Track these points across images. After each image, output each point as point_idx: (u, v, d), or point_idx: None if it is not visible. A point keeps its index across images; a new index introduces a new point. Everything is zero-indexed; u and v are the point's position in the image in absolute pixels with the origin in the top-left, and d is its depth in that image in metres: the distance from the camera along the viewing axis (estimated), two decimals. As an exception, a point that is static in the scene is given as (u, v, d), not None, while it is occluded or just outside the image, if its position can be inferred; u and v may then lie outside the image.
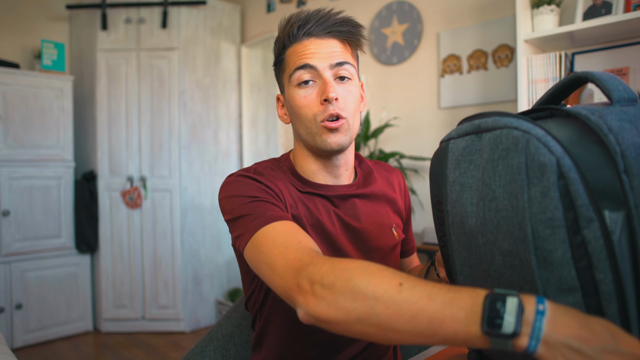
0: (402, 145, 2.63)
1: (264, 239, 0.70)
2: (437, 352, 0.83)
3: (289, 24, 0.85)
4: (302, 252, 0.64)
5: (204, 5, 3.23)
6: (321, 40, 0.83)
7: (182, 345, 2.94)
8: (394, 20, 2.66)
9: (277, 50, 0.89)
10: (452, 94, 2.42)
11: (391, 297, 0.52)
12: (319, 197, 0.88)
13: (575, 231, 0.43)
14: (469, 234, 0.55)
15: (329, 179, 0.90)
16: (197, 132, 3.25)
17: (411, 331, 0.50)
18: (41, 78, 2.97)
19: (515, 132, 0.47)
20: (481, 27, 2.30)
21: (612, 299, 0.42)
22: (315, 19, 0.83)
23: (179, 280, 3.14)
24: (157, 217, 3.15)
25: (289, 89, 0.86)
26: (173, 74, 3.14)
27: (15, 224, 2.87)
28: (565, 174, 0.43)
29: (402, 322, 0.51)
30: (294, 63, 0.84)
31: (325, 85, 0.81)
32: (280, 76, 0.90)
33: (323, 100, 0.81)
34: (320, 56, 0.82)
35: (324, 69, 0.82)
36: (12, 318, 2.82)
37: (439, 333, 0.48)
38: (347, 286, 0.55)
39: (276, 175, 0.86)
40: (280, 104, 0.93)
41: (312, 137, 0.84)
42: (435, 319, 0.48)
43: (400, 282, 0.53)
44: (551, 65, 1.83)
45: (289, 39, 0.85)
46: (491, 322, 0.44)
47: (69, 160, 3.10)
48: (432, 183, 0.65)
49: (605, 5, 1.72)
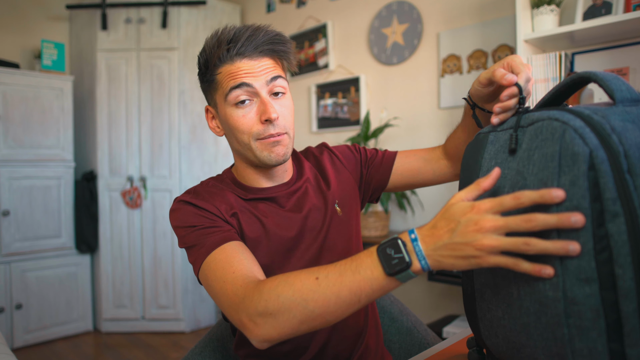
0: (402, 145, 2.64)
1: (208, 271, 0.77)
2: (437, 352, 0.83)
3: (219, 45, 0.84)
4: (236, 285, 0.71)
5: (204, 5, 3.24)
6: (253, 61, 0.84)
7: (182, 345, 2.93)
8: (394, 20, 2.67)
9: (204, 66, 0.87)
10: (452, 94, 2.44)
11: (315, 292, 0.62)
12: (264, 201, 0.92)
13: (599, 223, 0.43)
14: None
15: (270, 182, 0.93)
16: (197, 132, 3.25)
17: (342, 306, 0.62)
18: (41, 78, 2.97)
19: (555, 123, 0.47)
20: (481, 27, 2.32)
21: (630, 296, 0.41)
22: (244, 38, 0.83)
23: (179, 280, 3.14)
24: (157, 217, 3.15)
25: (224, 108, 0.86)
26: (173, 74, 3.14)
27: (15, 224, 2.86)
28: (597, 166, 0.43)
29: (333, 304, 0.62)
30: (227, 83, 0.83)
31: (265, 106, 0.83)
32: (210, 92, 0.89)
33: (264, 120, 0.83)
34: (255, 74, 0.83)
35: (261, 87, 0.83)
36: (12, 318, 2.81)
37: (362, 295, 0.61)
38: (278, 303, 0.64)
39: (215, 192, 0.89)
40: (211, 116, 0.93)
41: (252, 153, 0.86)
42: (353, 288, 0.61)
43: (316, 277, 0.64)
44: (551, 65, 1.84)
45: (219, 60, 0.84)
46: (389, 265, 0.58)
47: (69, 160, 3.10)
48: (464, 171, 0.66)
49: (605, 5, 1.73)
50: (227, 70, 0.84)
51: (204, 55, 0.87)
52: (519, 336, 0.53)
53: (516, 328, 0.53)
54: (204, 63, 0.87)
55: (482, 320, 0.61)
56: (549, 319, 0.47)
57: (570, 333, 0.45)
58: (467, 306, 0.66)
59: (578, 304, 0.44)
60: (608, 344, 0.43)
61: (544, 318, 0.48)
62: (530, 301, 0.49)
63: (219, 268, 0.76)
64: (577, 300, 0.44)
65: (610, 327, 0.43)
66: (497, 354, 0.60)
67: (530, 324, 0.50)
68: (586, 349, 0.44)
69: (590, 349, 0.44)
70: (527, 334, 0.51)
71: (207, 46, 0.86)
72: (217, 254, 0.78)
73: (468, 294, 0.65)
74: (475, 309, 0.63)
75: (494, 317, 0.57)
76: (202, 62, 0.88)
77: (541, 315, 0.48)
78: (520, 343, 0.53)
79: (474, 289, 0.62)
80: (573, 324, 0.45)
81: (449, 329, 2.12)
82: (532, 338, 0.50)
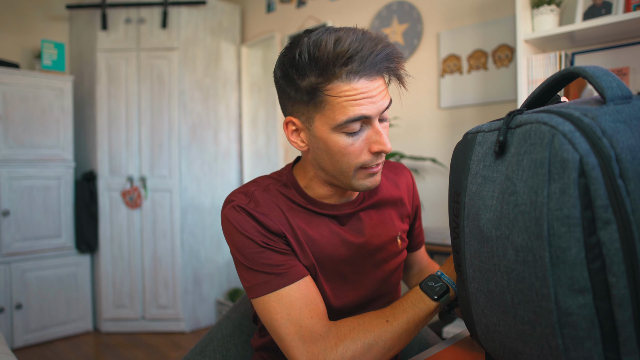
0: (402, 145, 2.63)
1: (279, 305, 0.75)
2: (437, 352, 0.83)
3: (336, 58, 0.68)
4: (315, 333, 0.74)
5: (204, 5, 3.23)
6: (370, 82, 0.71)
7: (182, 345, 2.93)
8: (394, 20, 2.67)
9: (302, 76, 0.71)
10: (452, 94, 2.43)
11: (388, 332, 0.75)
12: (323, 217, 0.86)
13: (591, 231, 0.42)
14: (483, 227, 0.54)
15: (338, 199, 0.87)
16: (197, 132, 3.25)
17: (409, 337, 0.77)
18: (41, 78, 2.97)
19: (544, 127, 0.45)
20: (481, 27, 2.31)
21: (624, 304, 0.40)
22: (367, 52, 0.69)
23: (179, 280, 3.14)
24: (157, 217, 3.14)
25: (326, 131, 0.74)
26: (173, 74, 3.13)
27: (15, 224, 2.86)
28: (587, 173, 0.41)
29: (403, 338, 0.76)
30: (343, 110, 0.70)
31: (379, 137, 0.74)
32: (302, 106, 0.75)
33: (375, 152, 0.75)
34: (371, 101, 0.71)
35: (376, 116, 0.73)
36: (12, 318, 2.81)
37: (420, 324, 0.78)
38: (363, 350, 0.73)
39: (271, 203, 0.82)
40: (293, 129, 0.79)
41: (347, 179, 0.78)
42: (416, 320, 0.77)
43: (387, 320, 0.76)
44: (551, 65, 1.83)
45: (335, 76, 0.69)
46: (434, 292, 0.78)
47: (69, 160, 3.10)
48: (453, 174, 0.64)
49: (605, 5, 1.72)
50: (339, 90, 0.70)
51: (308, 63, 0.70)
52: (515, 343, 0.52)
53: (512, 335, 0.52)
54: (305, 72, 0.71)
55: (478, 325, 0.61)
56: (543, 328, 0.46)
57: (565, 343, 0.44)
58: (463, 310, 0.66)
59: (572, 315, 0.43)
60: (604, 353, 0.43)
61: (539, 328, 0.47)
62: (524, 310, 0.48)
63: (295, 308, 0.75)
64: (571, 311, 0.43)
65: (606, 336, 0.42)
66: (496, 357, 0.60)
67: (525, 332, 0.49)
68: (582, 359, 0.44)
69: (586, 358, 0.43)
70: (523, 342, 0.50)
71: (318, 55, 0.69)
72: (293, 291, 0.76)
73: (463, 298, 0.65)
74: (471, 313, 0.62)
75: (489, 322, 0.57)
76: (301, 71, 0.71)
77: (536, 324, 0.47)
78: (516, 349, 0.52)
79: (468, 293, 0.61)
80: (568, 335, 0.44)
81: (449, 329, 2.11)
82: (527, 346, 0.50)
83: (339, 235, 0.86)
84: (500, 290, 0.52)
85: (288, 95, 0.76)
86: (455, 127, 2.44)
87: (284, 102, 0.78)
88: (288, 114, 0.79)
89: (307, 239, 0.83)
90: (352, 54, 0.68)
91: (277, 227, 0.79)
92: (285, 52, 0.75)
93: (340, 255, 0.86)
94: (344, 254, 0.86)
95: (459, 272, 0.64)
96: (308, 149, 0.80)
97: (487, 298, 0.56)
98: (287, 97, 0.76)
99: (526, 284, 0.47)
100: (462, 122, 2.41)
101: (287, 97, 0.76)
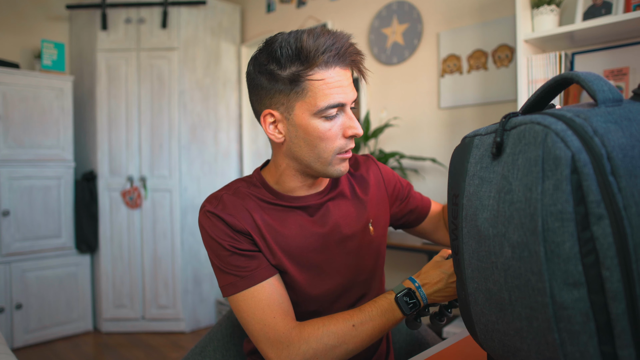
0: (402, 145, 2.64)
1: (245, 305, 0.82)
2: (437, 352, 0.83)
3: (317, 48, 0.76)
4: (278, 331, 0.80)
5: (204, 5, 3.24)
6: (343, 71, 0.80)
7: (182, 345, 2.93)
8: (394, 20, 2.67)
9: (289, 66, 0.78)
10: (452, 94, 2.43)
11: (354, 337, 0.80)
12: (292, 210, 0.90)
13: (584, 226, 0.43)
14: (481, 226, 0.55)
15: (306, 191, 0.92)
16: (197, 132, 3.25)
17: (373, 342, 0.83)
18: (41, 78, 2.97)
19: (537, 126, 0.47)
20: (481, 27, 2.31)
21: (618, 298, 0.41)
22: (342, 44, 0.78)
23: (179, 280, 3.14)
24: (157, 217, 3.15)
25: (307, 117, 0.80)
26: (173, 74, 3.14)
27: (15, 224, 2.87)
28: (579, 169, 0.42)
29: (366, 343, 0.82)
30: (324, 96, 0.78)
31: (352, 122, 0.82)
32: (282, 96, 0.81)
33: (350, 136, 0.83)
34: (346, 90, 0.80)
35: (349, 104, 0.82)
36: (12, 318, 2.82)
37: (385, 331, 0.84)
38: (325, 350, 0.79)
39: (238, 205, 0.87)
40: (271, 121, 0.84)
41: (324, 165, 0.84)
42: (381, 328, 0.83)
43: (353, 324, 0.81)
44: (551, 65, 1.84)
45: (317, 65, 0.77)
46: (407, 308, 0.84)
47: (69, 160, 3.10)
48: (451, 177, 0.66)
49: (605, 5, 1.72)
50: (319, 76, 0.78)
51: (290, 54, 0.77)
52: (513, 340, 0.53)
53: (510, 332, 0.53)
54: (288, 62, 0.78)
55: (477, 325, 0.62)
56: (540, 323, 0.47)
57: (561, 337, 0.45)
58: (463, 311, 0.66)
59: (567, 309, 0.44)
60: (599, 346, 0.43)
61: (535, 323, 0.48)
62: (521, 306, 0.49)
63: (258, 308, 0.81)
64: (566, 305, 0.44)
65: (601, 329, 0.43)
66: (495, 357, 0.60)
67: (523, 328, 0.50)
68: (578, 353, 0.44)
69: (582, 352, 0.44)
70: (521, 338, 0.51)
71: (300, 46, 0.77)
72: (256, 292, 0.82)
73: (462, 299, 0.65)
74: (471, 313, 0.63)
75: (488, 321, 0.58)
76: (283, 62, 0.78)
77: (532, 320, 0.48)
78: (515, 347, 0.53)
79: (467, 294, 0.62)
80: (563, 328, 0.45)
81: (449, 329, 2.11)
82: (525, 342, 0.50)
83: (308, 227, 0.90)
84: (498, 288, 0.53)
85: (265, 89, 0.82)
86: (455, 127, 2.44)
87: (260, 97, 0.84)
88: (265, 107, 0.84)
89: (275, 234, 0.87)
90: (329, 44, 0.77)
91: (241, 226, 0.85)
92: (262, 50, 0.83)
93: (312, 245, 0.90)
94: (314, 244, 0.90)
95: (458, 273, 0.65)
96: (284, 141, 0.85)
97: (485, 297, 0.57)
98: (265, 92, 0.82)
99: (522, 279, 0.48)
100: (462, 122, 2.41)
101: (264, 91, 0.82)
